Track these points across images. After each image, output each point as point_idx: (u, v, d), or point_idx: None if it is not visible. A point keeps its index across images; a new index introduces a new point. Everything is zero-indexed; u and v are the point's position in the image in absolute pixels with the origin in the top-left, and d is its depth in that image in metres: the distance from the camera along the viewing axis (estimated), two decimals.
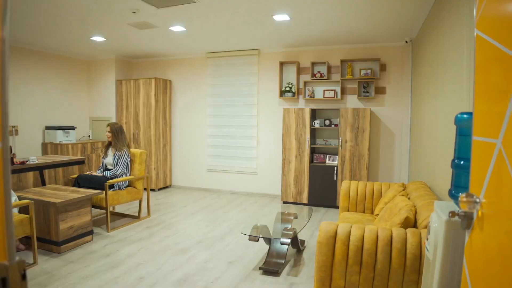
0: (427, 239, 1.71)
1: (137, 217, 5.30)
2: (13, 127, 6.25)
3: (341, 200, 4.27)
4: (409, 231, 2.32)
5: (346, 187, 4.28)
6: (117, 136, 5.08)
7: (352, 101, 6.27)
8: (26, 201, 3.54)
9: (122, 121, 7.50)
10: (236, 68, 7.04)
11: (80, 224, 4.11)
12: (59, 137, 6.73)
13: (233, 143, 7.20)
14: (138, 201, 5.48)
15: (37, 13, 4.54)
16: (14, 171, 4.23)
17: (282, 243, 3.64)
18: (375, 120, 6.14)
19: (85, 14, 4.59)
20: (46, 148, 6.83)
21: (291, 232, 3.57)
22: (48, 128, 6.83)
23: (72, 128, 7.01)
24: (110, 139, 5.13)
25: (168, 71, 7.68)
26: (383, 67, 6.05)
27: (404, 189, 3.70)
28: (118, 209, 5.79)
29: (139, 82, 7.26)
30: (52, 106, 7.09)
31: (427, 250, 1.69)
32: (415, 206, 2.87)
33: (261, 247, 4.13)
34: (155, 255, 3.89)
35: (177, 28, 5.29)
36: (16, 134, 6.32)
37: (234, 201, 6.56)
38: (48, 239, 3.92)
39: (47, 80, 6.96)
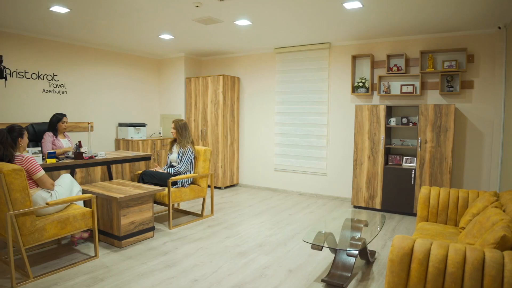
0: None
1: (200, 215, 5.23)
2: (89, 123, 6.55)
3: (419, 208, 3.76)
4: (508, 254, 1.85)
5: (425, 193, 3.76)
6: (181, 132, 5.04)
7: (434, 97, 5.62)
8: (88, 195, 3.58)
9: (190, 118, 7.55)
10: (306, 64, 6.71)
11: (142, 220, 4.10)
12: (131, 133, 6.94)
13: (301, 142, 6.88)
14: (202, 199, 5.41)
15: (109, 13, 4.63)
16: (82, 165, 4.35)
17: (349, 255, 3.27)
18: (461, 118, 5.44)
19: (152, 11, 4.59)
20: (118, 144, 7.09)
21: (360, 243, 3.18)
22: (120, 124, 7.08)
23: (143, 125, 7.20)
24: (174, 136, 5.11)
25: (236, 68, 7.58)
26: (470, 58, 5.33)
27: (497, 199, 3.12)
28: (183, 206, 5.79)
29: (207, 80, 7.24)
30: (125, 104, 7.35)
31: None
32: None
33: (326, 256, 3.79)
34: (213, 257, 3.74)
35: (243, 22, 5.11)
36: (92, 130, 6.62)
37: (301, 203, 6.25)
38: (110, 233, 3.96)
39: (121, 79, 7.23)
